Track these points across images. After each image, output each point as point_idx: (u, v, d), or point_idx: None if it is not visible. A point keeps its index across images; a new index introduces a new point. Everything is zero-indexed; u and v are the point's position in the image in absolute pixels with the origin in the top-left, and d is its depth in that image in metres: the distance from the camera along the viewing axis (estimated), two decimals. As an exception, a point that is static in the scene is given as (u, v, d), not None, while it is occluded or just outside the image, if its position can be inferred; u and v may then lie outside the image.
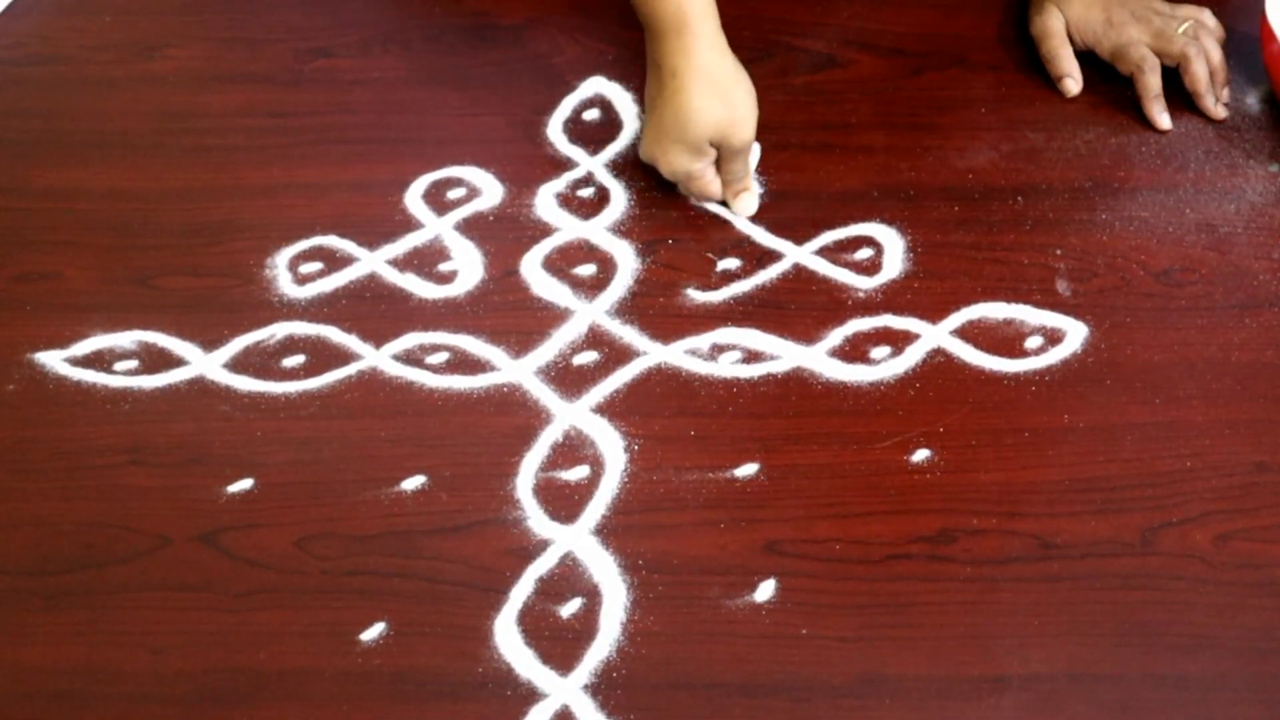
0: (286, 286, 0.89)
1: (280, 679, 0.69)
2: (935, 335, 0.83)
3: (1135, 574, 0.71)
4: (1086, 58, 1.00)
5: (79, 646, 0.71)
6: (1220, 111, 0.97)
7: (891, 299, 0.86)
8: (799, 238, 0.90)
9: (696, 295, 0.87)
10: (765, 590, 0.71)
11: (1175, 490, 0.75)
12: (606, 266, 0.89)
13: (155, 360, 0.85)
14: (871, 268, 0.88)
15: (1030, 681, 0.67)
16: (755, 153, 0.93)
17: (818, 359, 0.82)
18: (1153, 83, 0.97)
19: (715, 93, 0.84)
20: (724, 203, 0.91)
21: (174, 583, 0.73)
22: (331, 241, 0.92)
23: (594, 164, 0.97)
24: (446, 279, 0.89)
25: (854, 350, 0.83)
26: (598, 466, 0.77)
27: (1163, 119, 0.97)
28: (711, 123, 0.85)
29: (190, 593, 0.73)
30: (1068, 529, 0.73)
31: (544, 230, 0.92)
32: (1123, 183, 0.93)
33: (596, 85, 1.03)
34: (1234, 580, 0.71)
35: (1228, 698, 0.66)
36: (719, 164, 0.88)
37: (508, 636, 0.70)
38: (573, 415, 0.80)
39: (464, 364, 0.84)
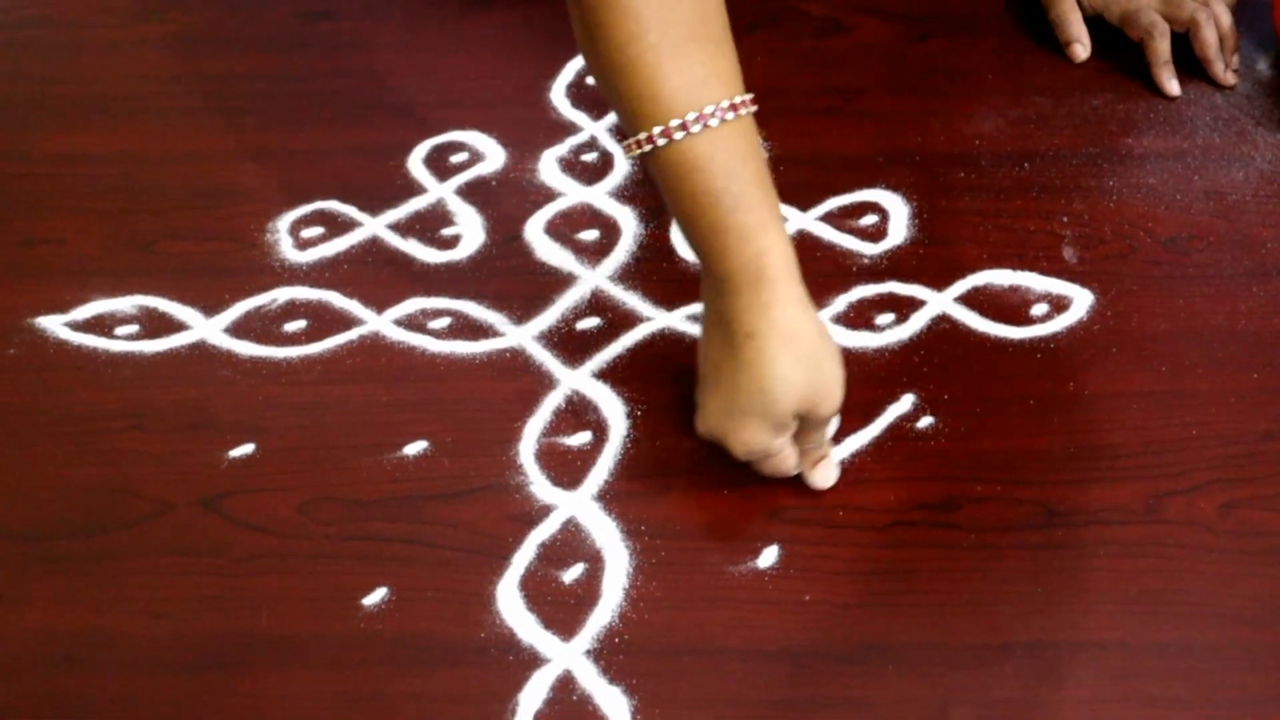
0: (288, 251, 0.89)
1: (282, 644, 0.69)
2: (940, 302, 0.83)
3: (1139, 542, 0.71)
4: (1095, 23, 1.00)
5: (81, 611, 0.71)
6: (1230, 78, 0.96)
7: (897, 265, 0.85)
8: (804, 203, 0.89)
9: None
10: (768, 556, 0.71)
11: (1180, 458, 0.74)
12: (610, 232, 0.89)
13: (156, 325, 0.85)
14: (877, 234, 0.87)
15: (1033, 649, 0.67)
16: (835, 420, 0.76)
17: (822, 325, 0.82)
18: (1162, 48, 0.96)
19: (801, 357, 0.68)
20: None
21: (176, 547, 0.73)
22: (333, 206, 0.91)
23: (597, 129, 0.96)
24: (449, 244, 0.89)
25: (859, 317, 0.82)
26: (600, 432, 0.77)
27: (1171, 85, 0.96)
28: (798, 393, 0.69)
29: (192, 557, 0.73)
30: (1072, 496, 0.73)
31: (547, 195, 0.92)
32: (1130, 149, 0.92)
33: (600, 49, 1.02)
34: (1239, 549, 0.70)
35: (1231, 665, 0.66)
36: (796, 433, 0.72)
37: (510, 602, 0.70)
38: (575, 381, 0.80)
39: (466, 329, 0.83)
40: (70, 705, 0.67)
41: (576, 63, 1.01)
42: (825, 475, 0.74)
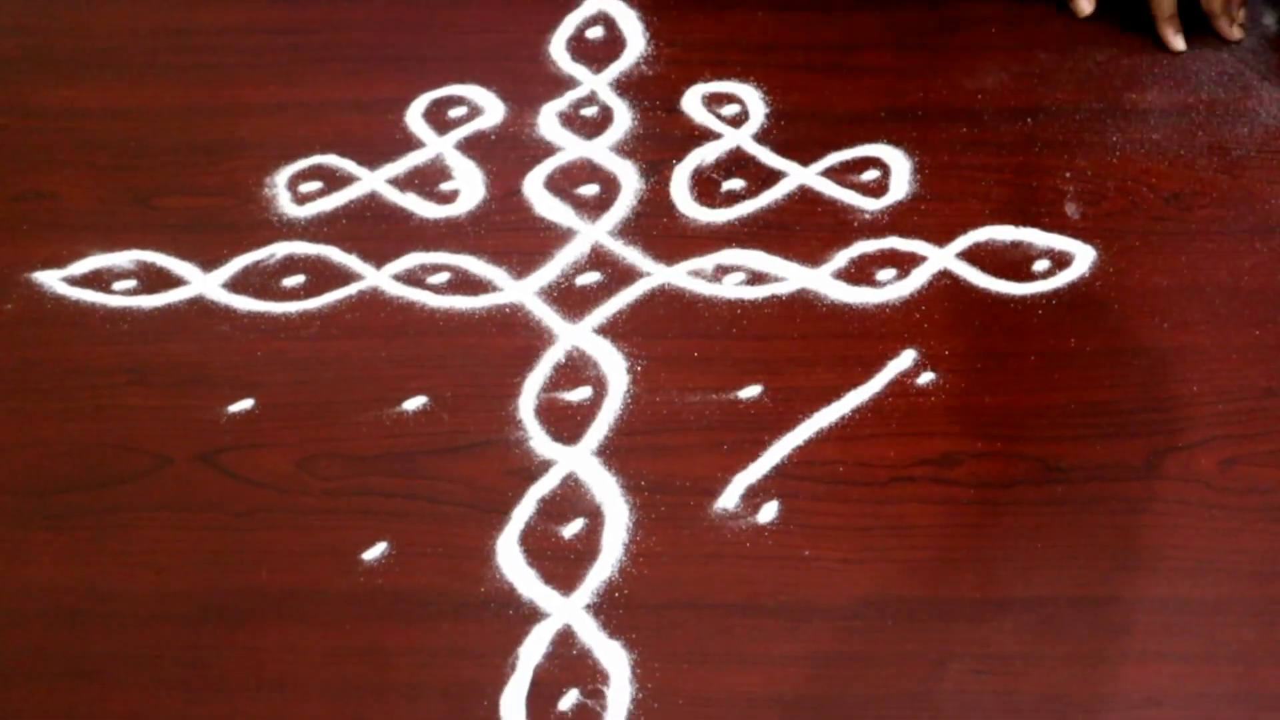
0: (286, 206, 0.88)
1: (282, 598, 0.69)
2: (942, 258, 0.83)
3: (1139, 498, 0.71)
4: (1100, -24, 0.99)
5: (81, 566, 0.71)
6: (1235, 33, 0.95)
7: (898, 221, 0.85)
8: (805, 158, 0.89)
9: (700, 216, 0.86)
10: (768, 512, 0.71)
11: (1181, 415, 0.74)
12: (609, 187, 0.88)
13: (154, 280, 0.84)
14: (878, 189, 0.87)
15: (1032, 604, 0.67)
16: None
17: (823, 281, 0.82)
18: (1166, 3, 0.95)
19: None
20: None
21: (176, 502, 0.73)
22: (331, 161, 0.91)
23: (597, 83, 0.95)
24: (448, 199, 0.88)
25: (859, 272, 0.82)
26: (600, 387, 0.77)
27: (1176, 40, 0.95)
28: None
29: (192, 512, 0.73)
30: (1072, 452, 0.73)
31: (546, 150, 0.91)
32: (1134, 105, 0.92)
33: (600, 2, 1.01)
34: (1238, 505, 0.70)
35: (1229, 621, 0.66)
36: None
37: (509, 557, 0.70)
38: (575, 336, 0.80)
39: (466, 284, 0.83)
40: (71, 659, 0.67)
41: (576, 16, 1.00)
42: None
